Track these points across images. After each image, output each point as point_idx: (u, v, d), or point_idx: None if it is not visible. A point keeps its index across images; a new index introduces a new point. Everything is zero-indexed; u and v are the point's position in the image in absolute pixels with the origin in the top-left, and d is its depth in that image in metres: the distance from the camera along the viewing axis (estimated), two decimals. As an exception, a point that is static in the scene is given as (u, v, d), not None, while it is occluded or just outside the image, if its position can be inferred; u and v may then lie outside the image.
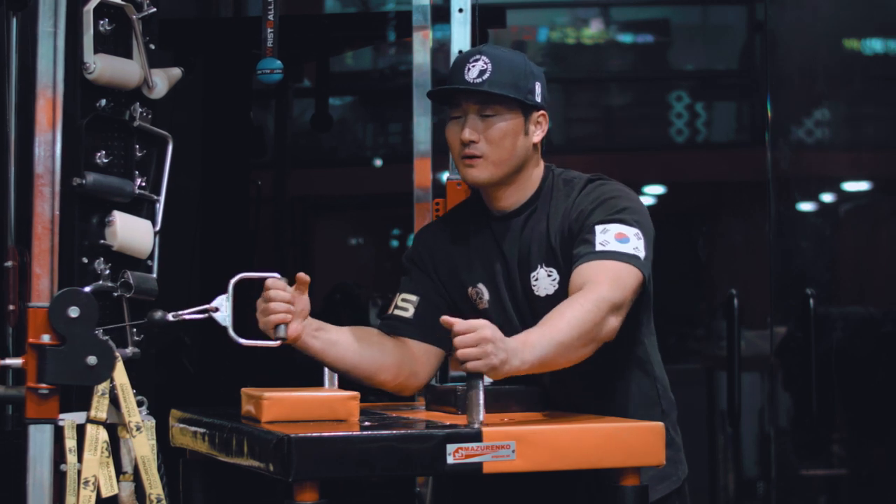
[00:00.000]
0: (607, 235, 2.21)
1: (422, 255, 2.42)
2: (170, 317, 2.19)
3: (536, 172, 2.36)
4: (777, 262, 3.83)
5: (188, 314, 2.19)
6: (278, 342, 2.19)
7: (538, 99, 2.33)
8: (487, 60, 2.29)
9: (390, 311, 2.39)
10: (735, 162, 4.55)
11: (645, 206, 2.31)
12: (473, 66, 2.29)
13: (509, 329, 2.21)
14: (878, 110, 3.93)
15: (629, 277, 2.19)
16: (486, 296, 2.35)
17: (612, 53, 4.68)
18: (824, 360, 3.71)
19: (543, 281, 2.29)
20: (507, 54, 2.33)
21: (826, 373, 3.71)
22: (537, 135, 2.33)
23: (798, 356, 3.76)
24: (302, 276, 2.21)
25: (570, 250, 2.26)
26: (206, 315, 2.19)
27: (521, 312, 2.31)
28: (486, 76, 2.28)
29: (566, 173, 2.38)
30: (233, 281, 2.20)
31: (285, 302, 2.19)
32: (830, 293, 3.82)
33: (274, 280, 2.21)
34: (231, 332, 2.19)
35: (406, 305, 2.37)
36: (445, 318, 2.05)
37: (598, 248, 2.20)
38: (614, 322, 2.16)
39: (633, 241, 2.21)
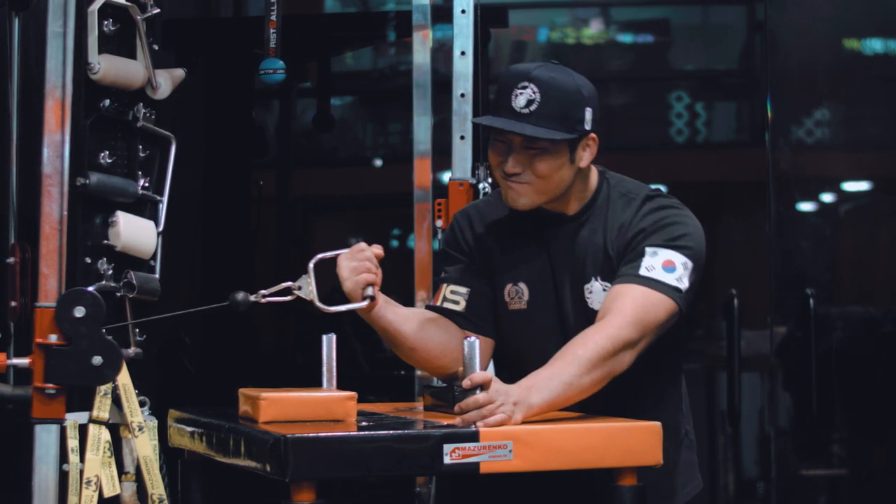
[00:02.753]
0: (655, 260, 2.19)
1: (462, 240, 2.37)
2: (251, 297, 2.18)
3: (589, 181, 2.31)
4: (777, 262, 3.83)
5: (271, 293, 2.19)
6: (366, 302, 2.17)
7: (588, 126, 2.23)
8: (536, 89, 2.19)
9: (438, 303, 2.34)
10: (735, 162, 4.55)
11: (700, 228, 2.26)
12: (521, 94, 2.20)
13: (553, 335, 2.23)
14: (878, 110, 3.92)
15: (659, 309, 2.17)
16: (526, 296, 2.32)
17: (612, 53, 4.68)
18: (824, 360, 3.71)
19: (598, 294, 2.26)
20: (559, 80, 2.21)
21: (826, 373, 3.72)
22: (585, 159, 2.25)
23: (798, 356, 3.76)
24: (379, 249, 2.19)
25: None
26: (290, 295, 2.19)
27: (572, 322, 2.27)
28: (533, 107, 2.19)
29: (621, 184, 2.32)
30: (312, 262, 2.19)
31: (373, 262, 2.17)
32: (830, 293, 3.82)
33: (361, 243, 2.20)
34: (317, 303, 2.19)
35: (456, 298, 2.33)
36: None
37: (642, 272, 2.18)
38: (628, 358, 2.15)
39: (679, 270, 2.19)
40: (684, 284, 2.20)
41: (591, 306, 2.27)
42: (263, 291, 2.19)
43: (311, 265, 2.20)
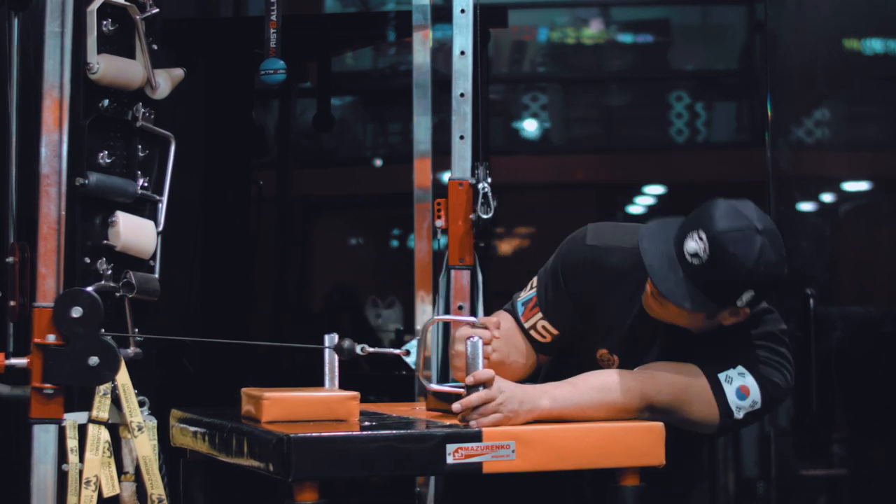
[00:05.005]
0: (739, 379, 2.18)
1: (577, 279, 2.31)
2: (358, 350, 2.20)
3: None
4: (777, 262, 3.82)
5: (378, 352, 2.21)
6: (464, 390, 2.15)
7: (741, 304, 2.15)
8: (708, 251, 2.09)
9: (528, 327, 2.33)
10: (735, 162, 4.56)
11: (791, 387, 2.26)
12: (694, 242, 2.11)
13: None
14: (878, 110, 3.92)
15: (700, 413, 2.18)
16: (616, 365, 2.30)
17: (612, 53, 4.68)
18: (824, 360, 3.71)
19: None
20: (737, 254, 2.09)
21: (826, 373, 3.71)
22: (727, 320, 2.19)
23: (798, 356, 3.76)
24: (497, 332, 2.20)
25: None
26: (395, 355, 2.20)
27: None
28: (695, 262, 2.10)
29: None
30: (426, 325, 2.21)
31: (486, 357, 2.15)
32: (830, 293, 3.82)
33: (482, 331, 2.17)
34: (421, 378, 2.22)
35: (546, 334, 2.32)
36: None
37: (721, 376, 2.18)
38: (647, 416, 2.15)
39: (747, 403, 2.18)
40: (739, 416, 2.19)
41: None
42: (369, 348, 2.20)
43: (427, 331, 2.21)
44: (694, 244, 2.11)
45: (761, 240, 2.11)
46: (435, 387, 2.21)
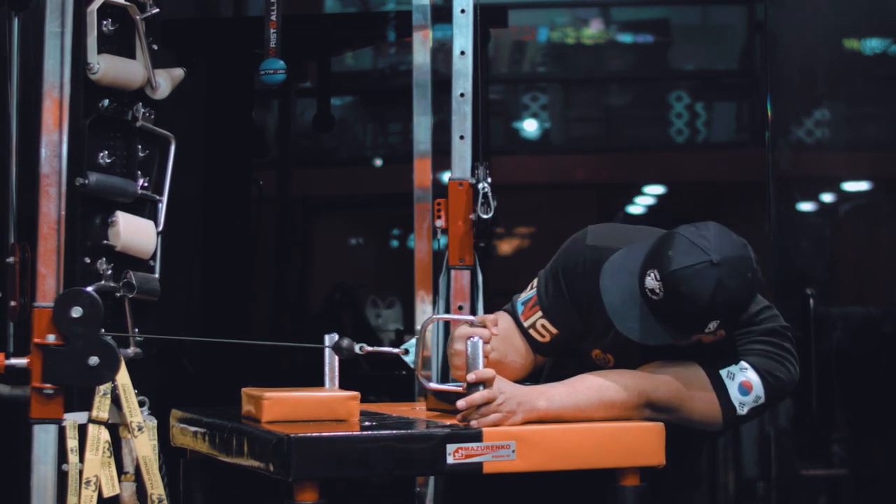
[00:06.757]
0: (741, 374, 2.18)
1: (576, 282, 2.30)
2: (357, 349, 2.21)
3: None
4: (777, 262, 3.83)
5: (377, 351, 2.22)
6: (464, 387, 2.15)
7: (709, 330, 2.13)
8: (663, 290, 2.10)
9: (527, 323, 2.32)
10: (735, 162, 4.56)
11: (796, 382, 2.24)
12: (652, 280, 2.11)
13: None
14: (878, 110, 3.92)
15: (703, 412, 2.17)
16: (612, 364, 2.29)
17: (612, 53, 4.69)
18: (824, 360, 3.71)
19: None
20: (690, 292, 2.08)
21: (826, 373, 3.71)
22: (709, 339, 2.17)
23: (798, 356, 3.76)
24: (496, 330, 2.19)
25: None
26: (394, 354, 2.21)
27: None
28: (655, 298, 2.11)
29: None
30: (424, 324, 2.21)
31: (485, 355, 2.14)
32: (830, 293, 3.82)
33: (481, 330, 2.16)
34: (420, 378, 2.22)
35: (545, 333, 2.31)
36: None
37: (723, 372, 2.17)
38: (647, 414, 2.15)
39: (750, 398, 2.18)
40: (743, 412, 2.19)
41: None
42: (367, 347, 2.21)
43: (426, 330, 2.22)
44: (651, 282, 2.11)
45: (716, 273, 2.08)
46: (434, 385, 2.21)
